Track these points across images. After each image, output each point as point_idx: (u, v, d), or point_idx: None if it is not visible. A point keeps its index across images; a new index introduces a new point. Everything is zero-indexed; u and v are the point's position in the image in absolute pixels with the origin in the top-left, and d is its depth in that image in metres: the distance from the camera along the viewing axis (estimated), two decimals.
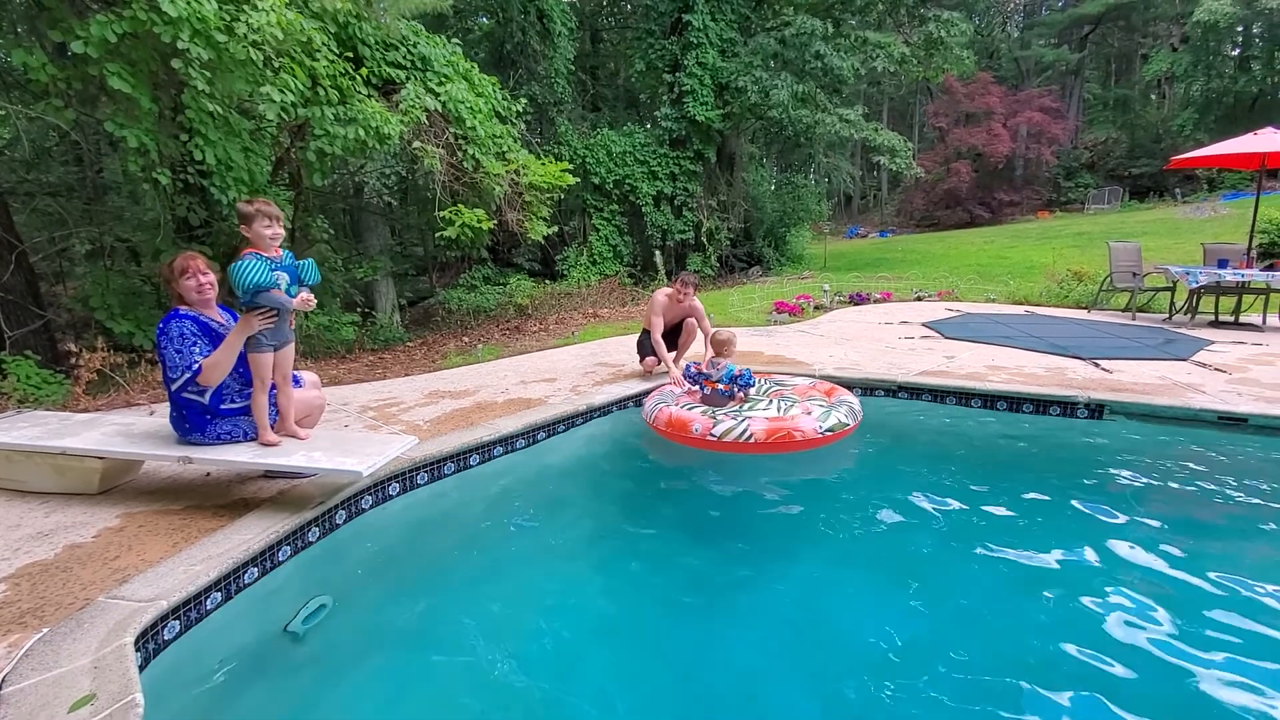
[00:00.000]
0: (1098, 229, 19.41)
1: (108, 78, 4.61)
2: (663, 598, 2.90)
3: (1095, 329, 7.09)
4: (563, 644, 2.56)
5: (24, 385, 4.97)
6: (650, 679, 2.40)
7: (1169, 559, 2.88)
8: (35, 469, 3.12)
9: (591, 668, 2.44)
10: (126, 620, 2.07)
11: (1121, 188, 30.53)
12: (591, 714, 2.20)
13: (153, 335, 6.22)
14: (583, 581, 3.04)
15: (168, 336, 2.86)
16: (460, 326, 10.34)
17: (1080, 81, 37.27)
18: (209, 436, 2.97)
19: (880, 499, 3.67)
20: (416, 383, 5.57)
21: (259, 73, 5.18)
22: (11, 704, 1.73)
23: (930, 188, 32.00)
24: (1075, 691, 2.13)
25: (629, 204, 14.90)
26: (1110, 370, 5.14)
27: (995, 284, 11.38)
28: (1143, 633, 2.39)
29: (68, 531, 2.77)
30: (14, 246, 5.82)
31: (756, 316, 8.96)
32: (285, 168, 7.21)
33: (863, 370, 5.25)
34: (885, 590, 2.85)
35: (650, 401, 4.32)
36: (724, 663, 2.43)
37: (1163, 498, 3.55)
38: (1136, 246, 8.74)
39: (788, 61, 14.40)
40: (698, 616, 2.72)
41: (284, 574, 2.70)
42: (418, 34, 7.85)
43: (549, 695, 2.27)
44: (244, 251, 2.87)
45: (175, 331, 2.86)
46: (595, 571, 3.15)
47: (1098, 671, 2.21)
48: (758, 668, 2.39)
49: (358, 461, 2.83)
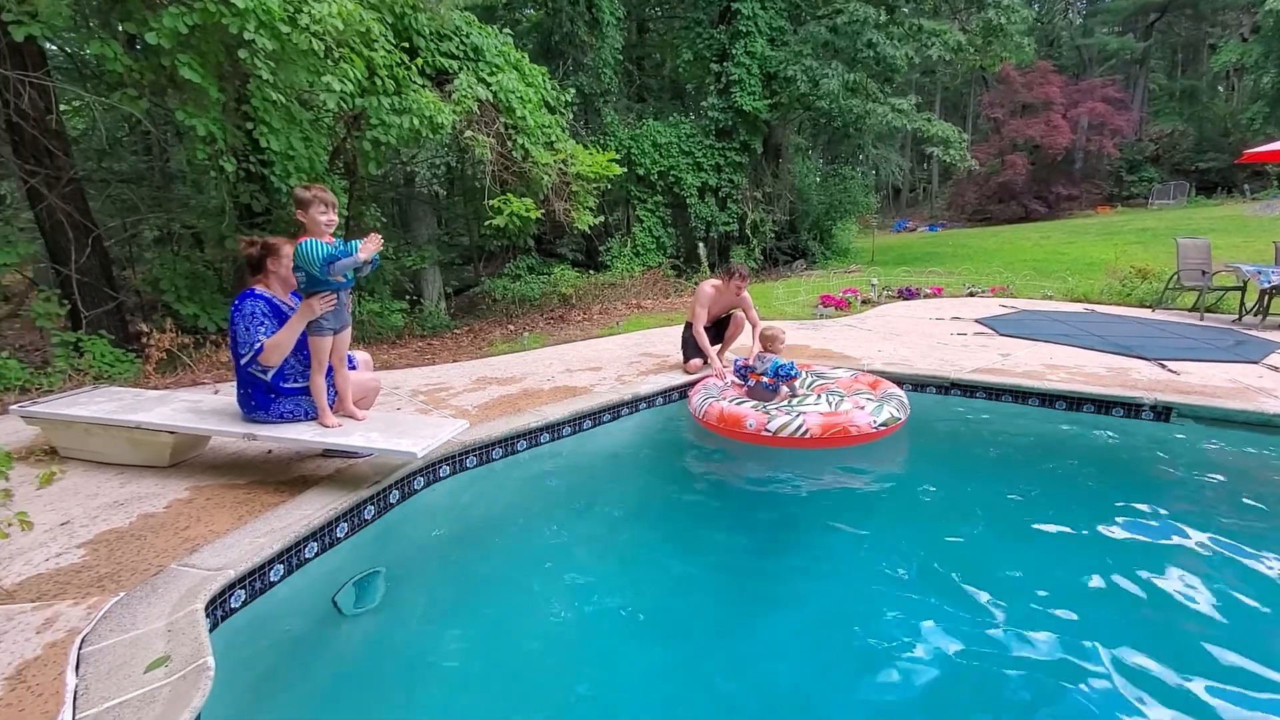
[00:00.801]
0: (1162, 225, 18.50)
1: (178, 68, 4.79)
2: (701, 590, 2.89)
3: (1160, 329, 6.77)
4: (597, 632, 2.58)
5: (99, 363, 5.23)
6: (683, 671, 2.39)
7: (1240, 570, 2.74)
8: (112, 442, 3.28)
9: (627, 659, 2.44)
10: (197, 587, 2.16)
11: (1187, 182, 29.07)
12: (622, 704, 2.21)
13: (215, 317, 6.48)
14: (621, 572, 3.05)
15: (240, 313, 2.98)
16: (505, 315, 10.46)
17: (1145, 71, 35.52)
18: (272, 414, 3.07)
19: (932, 499, 3.59)
20: (465, 369, 5.66)
21: (320, 63, 5.32)
22: (91, 663, 1.82)
23: (983, 180, 30.91)
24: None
25: (673, 195, 14.81)
26: (1177, 372, 4.90)
27: (1053, 280, 10.95)
28: (1221, 651, 2.28)
29: (141, 501, 2.90)
30: (90, 231, 6.11)
31: (802, 310, 8.82)
32: (341, 157, 7.38)
33: (913, 366, 5.12)
34: (935, 595, 2.77)
35: (697, 396, 4.30)
36: (761, 662, 2.40)
37: (1232, 505, 3.37)
38: (1206, 243, 8.29)
39: (839, 50, 14.07)
40: (735, 611, 2.70)
41: (342, 550, 2.78)
42: (470, 24, 7.93)
43: (579, 680, 2.29)
44: (301, 239, 2.95)
45: (248, 309, 2.98)
46: (634, 563, 3.15)
47: (1168, 688, 2.12)
48: (797, 668, 2.36)
49: (412, 443, 2.89)
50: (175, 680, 1.71)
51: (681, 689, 2.28)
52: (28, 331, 9.01)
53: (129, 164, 9.04)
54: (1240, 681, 2.12)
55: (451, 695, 2.24)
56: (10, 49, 5.26)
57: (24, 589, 2.22)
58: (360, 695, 2.22)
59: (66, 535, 2.59)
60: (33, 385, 4.87)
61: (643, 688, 2.28)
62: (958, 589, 2.73)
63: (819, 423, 3.64)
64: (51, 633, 1.95)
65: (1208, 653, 2.27)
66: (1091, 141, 30.17)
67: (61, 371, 5.03)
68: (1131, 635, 2.37)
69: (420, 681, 2.30)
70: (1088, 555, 2.92)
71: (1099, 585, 2.70)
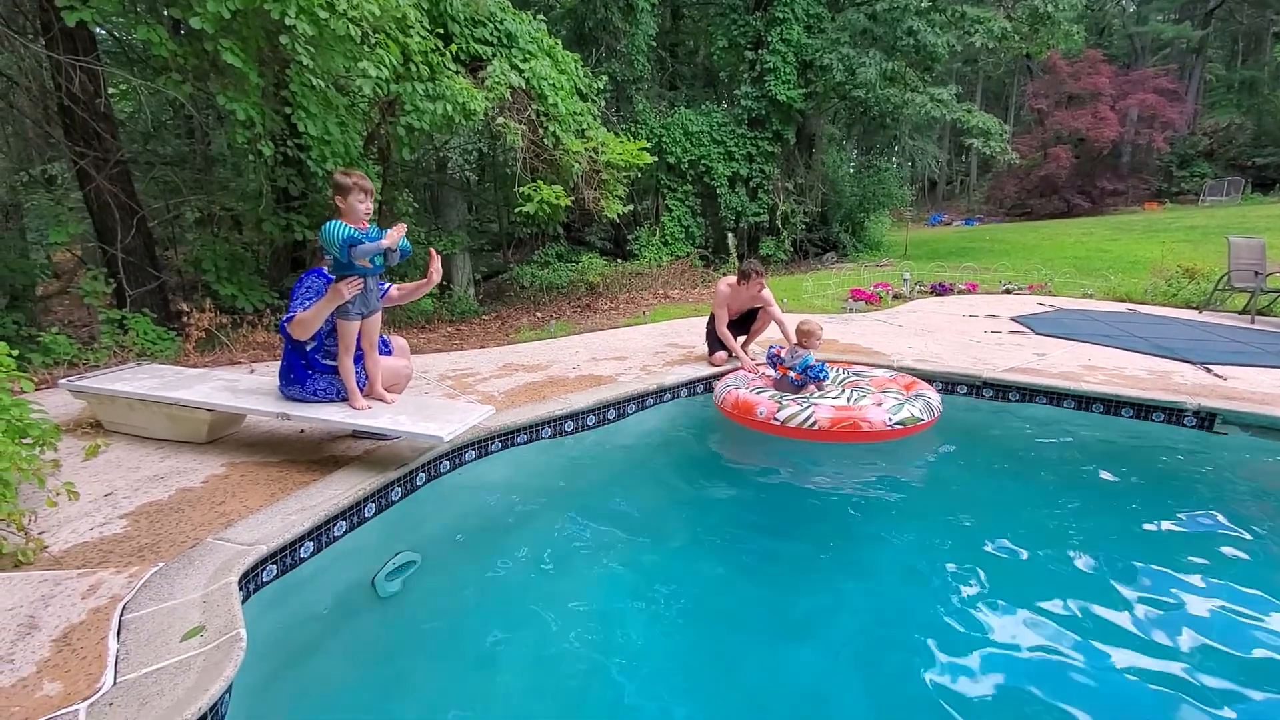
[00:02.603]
0: (1214, 223, 17.79)
1: (221, 53, 4.89)
2: (728, 585, 2.89)
3: (1208, 331, 6.54)
4: (615, 621, 2.60)
5: (142, 340, 5.41)
6: (711, 666, 2.40)
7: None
8: (153, 417, 3.39)
9: (644, 650, 2.46)
10: (232, 561, 2.23)
11: (1243, 179, 27.80)
12: (646, 695, 2.22)
13: (253, 299, 6.66)
14: (646, 562, 3.07)
15: (301, 285, 3.09)
16: (533, 302, 10.53)
17: (1202, 61, 33.98)
18: (307, 390, 3.15)
19: (961, 504, 3.54)
20: (491, 355, 5.72)
21: (356, 49, 5.38)
22: (131, 629, 1.90)
23: (1024, 174, 30.01)
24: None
25: (703, 185, 14.70)
26: (1224, 377, 4.73)
27: (1094, 279, 10.63)
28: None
29: (179, 476, 3.00)
30: (135, 212, 6.30)
31: (831, 303, 8.71)
32: (375, 142, 7.48)
33: (944, 364, 5.03)
34: (963, 598, 2.74)
35: (721, 384, 4.32)
36: (791, 659, 2.41)
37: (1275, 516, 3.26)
38: (1261, 243, 7.96)
39: (877, 38, 13.74)
40: (765, 608, 2.70)
41: (369, 529, 2.84)
42: (504, 10, 7.94)
43: (603, 669, 2.31)
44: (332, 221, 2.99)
45: (308, 282, 3.09)
46: (660, 553, 3.17)
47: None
48: (818, 668, 2.36)
49: (439, 427, 2.93)
50: (209, 650, 1.77)
51: (707, 683, 2.29)
52: (76, 308, 9.37)
53: (172, 147, 9.28)
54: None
55: (474, 675, 2.29)
56: (63, 34, 5.43)
57: (70, 556, 2.32)
58: (382, 671, 2.29)
59: (110, 506, 2.69)
60: (80, 360, 5.06)
61: (667, 680, 2.30)
62: (987, 593, 2.70)
63: (829, 416, 3.61)
64: (95, 599, 2.04)
65: (1251, 670, 2.21)
66: (1141, 135, 29.03)
67: (107, 348, 5.22)
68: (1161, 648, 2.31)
69: (441, 661, 2.35)
70: (1118, 563, 2.85)
71: (1127, 594, 2.64)
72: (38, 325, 6.57)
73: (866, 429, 3.58)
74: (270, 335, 6.19)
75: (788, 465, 4.00)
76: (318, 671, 2.27)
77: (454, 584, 2.79)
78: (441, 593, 2.71)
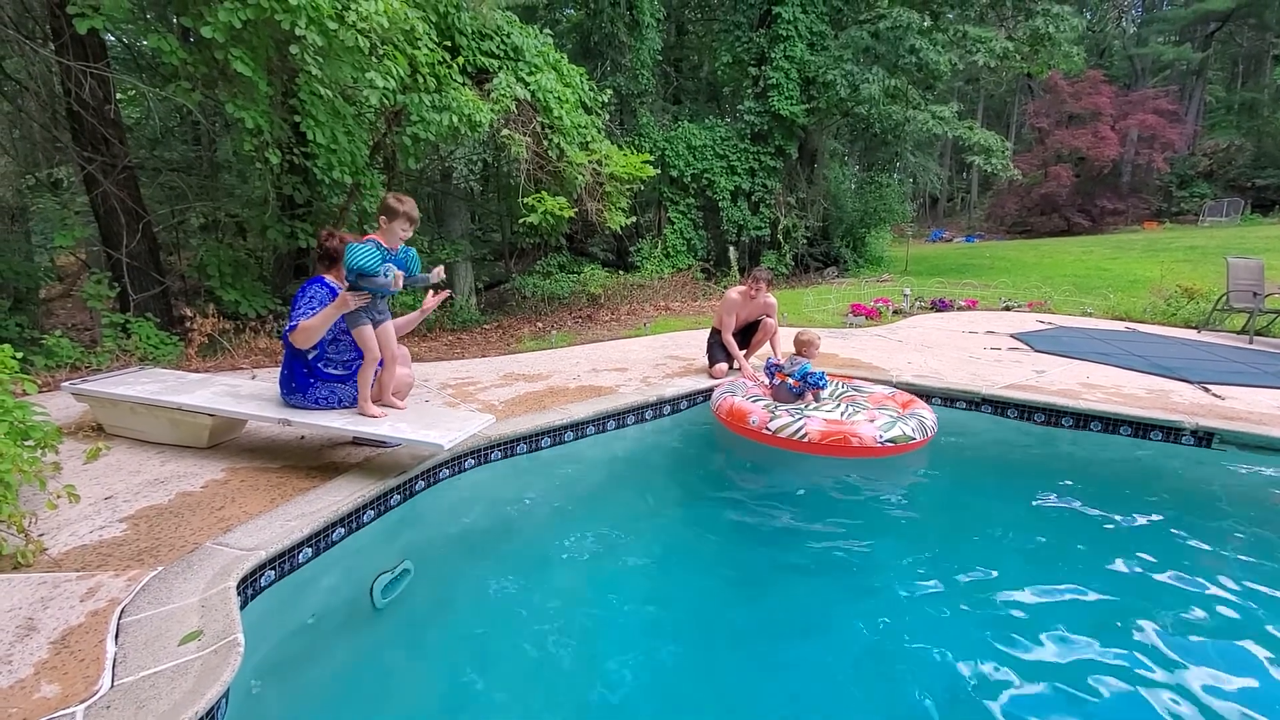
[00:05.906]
0: (1213, 243, 17.87)
1: (231, 62, 4.94)
2: (720, 594, 2.90)
3: (1206, 351, 6.56)
4: (610, 631, 2.61)
5: (145, 344, 5.43)
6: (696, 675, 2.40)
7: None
8: (154, 421, 3.41)
9: (640, 661, 2.46)
10: (230, 566, 2.23)
11: (1243, 200, 27.97)
12: (636, 700, 2.22)
13: (255, 304, 6.68)
14: (641, 571, 3.08)
15: (304, 293, 3.11)
16: (534, 312, 10.56)
17: (1202, 83, 34.26)
18: (309, 399, 3.17)
19: (956, 520, 3.54)
20: (492, 364, 5.74)
21: (364, 59, 5.44)
22: (130, 633, 1.90)
23: (1025, 192, 30.16)
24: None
25: (705, 198, 14.78)
26: (1222, 396, 4.75)
27: (1093, 297, 10.67)
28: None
29: (180, 480, 3.01)
30: (141, 217, 6.34)
31: (832, 318, 8.74)
32: (381, 152, 7.54)
33: (943, 380, 5.04)
34: (953, 611, 2.74)
35: (717, 390, 4.37)
36: (778, 669, 2.41)
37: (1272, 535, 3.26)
38: (1259, 264, 8.01)
39: (880, 56, 13.87)
40: (755, 618, 2.70)
41: (367, 535, 2.85)
42: (511, 24, 8.03)
43: (596, 675, 2.32)
44: (367, 237, 3.03)
45: (312, 291, 3.11)
46: (655, 562, 3.18)
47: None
48: (814, 679, 2.36)
49: (440, 435, 2.95)
50: (207, 654, 1.78)
51: (704, 695, 2.29)
52: (79, 311, 9.40)
53: (179, 153, 9.36)
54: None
55: (468, 683, 2.29)
56: (74, 40, 5.49)
57: (69, 558, 2.32)
58: (376, 678, 2.29)
59: (110, 509, 2.70)
60: (82, 363, 5.07)
61: (663, 691, 2.30)
62: (981, 610, 2.70)
63: (820, 429, 3.62)
64: (94, 602, 2.04)
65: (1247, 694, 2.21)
66: (1141, 154, 29.22)
67: (109, 351, 5.23)
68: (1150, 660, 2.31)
69: (436, 668, 2.35)
70: (1109, 581, 2.85)
71: (1116, 618, 2.64)
72: (41, 328, 6.59)
73: (856, 444, 3.59)
74: (272, 341, 6.22)
75: (786, 479, 4.00)
76: (313, 677, 2.27)
77: (450, 592, 2.79)
78: (437, 600, 2.71)
